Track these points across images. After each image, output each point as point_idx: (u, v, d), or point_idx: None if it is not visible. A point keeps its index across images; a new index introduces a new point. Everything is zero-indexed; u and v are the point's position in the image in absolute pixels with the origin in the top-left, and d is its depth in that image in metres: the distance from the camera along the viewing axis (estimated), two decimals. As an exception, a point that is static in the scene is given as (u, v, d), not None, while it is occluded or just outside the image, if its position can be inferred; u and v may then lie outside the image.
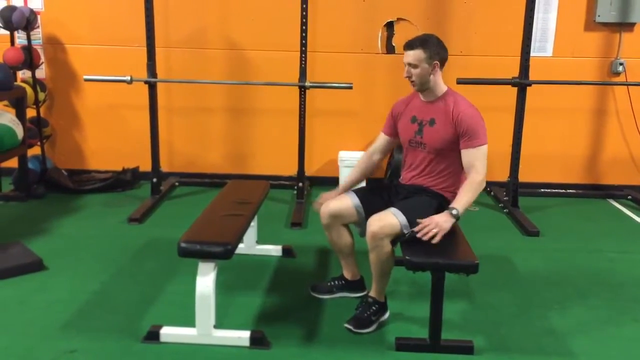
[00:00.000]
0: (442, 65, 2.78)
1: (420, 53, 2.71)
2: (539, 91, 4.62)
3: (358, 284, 3.11)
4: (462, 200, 2.65)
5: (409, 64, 2.74)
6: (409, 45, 2.75)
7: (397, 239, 2.69)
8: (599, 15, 4.80)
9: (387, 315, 2.88)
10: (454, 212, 2.63)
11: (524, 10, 4.35)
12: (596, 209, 4.80)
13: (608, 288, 3.31)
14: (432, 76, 2.75)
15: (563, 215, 4.61)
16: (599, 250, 3.89)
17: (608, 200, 5.00)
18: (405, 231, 2.63)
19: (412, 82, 2.78)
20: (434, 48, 2.73)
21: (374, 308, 2.81)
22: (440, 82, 2.81)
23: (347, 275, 3.10)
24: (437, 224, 2.60)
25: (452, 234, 2.69)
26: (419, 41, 2.74)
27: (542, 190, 5.12)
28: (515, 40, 4.48)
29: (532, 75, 4.41)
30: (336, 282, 3.12)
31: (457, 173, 2.82)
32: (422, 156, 2.84)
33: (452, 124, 2.73)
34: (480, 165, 2.69)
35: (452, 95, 2.80)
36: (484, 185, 2.70)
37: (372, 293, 2.85)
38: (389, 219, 2.65)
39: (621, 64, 4.88)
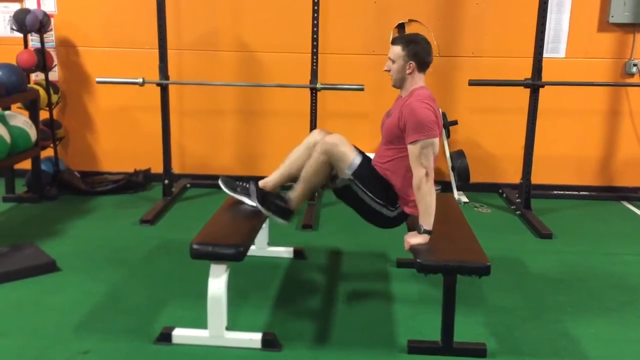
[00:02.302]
0: (420, 67, 2.79)
1: (399, 50, 2.77)
2: (552, 92, 4.59)
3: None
4: (420, 212, 2.65)
5: (389, 58, 2.82)
6: (393, 41, 2.84)
7: (337, 172, 2.79)
8: (612, 16, 4.76)
9: (280, 220, 2.93)
10: (419, 229, 2.65)
11: (537, 11, 4.33)
12: (610, 211, 4.76)
13: (623, 291, 3.28)
14: (408, 75, 2.79)
15: (576, 218, 4.58)
16: (613, 252, 3.85)
17: (622, 202, 4.96)
18: (348, 171, 2.73)
19: (390, 76, 2.84)
20: (414, 48, 2.76)
21: (277, 201, 2.90)
22: (417, 83, 2.81)
23: (269, 183, 3.06)
24: (406, 242, 2.68)
25: (463, 237, 2.68)
26: (403, 39, 2.82)
27: (555, 192, 5.08)
28: (527, 41, 4.46)
29: (545, 77, 4.38)
30: (246, 185, 3.10)
31: (400, 169, 2.79)
32: (380, 147, 2.91)
33: (398, 116, 2.74)
34: (415, 164, 2.63)
35: (418, 90, 2.79)
36: (425, 182, 2.61)
37: (291, 198, 2.92)
38: (349, 148, 2.78)
39: (635, 64, 4.84)
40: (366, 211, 2.86)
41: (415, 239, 2.65)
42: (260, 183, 3.07)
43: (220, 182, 3.10)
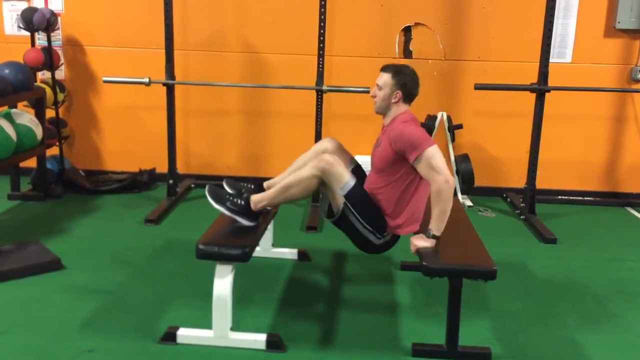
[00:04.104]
0: (405, 97, 2.82)
1: (388, 78, 2.81)
2: (558, 97, 4.58)
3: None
4: (433, 216, 2.63)
5: (377, 84, 2.85)
6: (383, 68, 2.87)
7: (326, 188, 2.78)
8: (619, 22, 4.75)
9: (246, 222, 2.81)
10: (427, 233, 2.64)
11: (544, 16, 4.33)
12: (614, 217, 4.76)
13: (627, 297, 3.28)
14: (393, 104, 2.82)
15: (581, 223, 4.57)
16: (617, 258, 3.85)
17: (626, 208, 4.95)
18: (341, 192, 2.73)
19: (374, 102, 2.86)
20: (402, 79, 2.80)
21: (240, 200, 2.80)
22: (400, 112, 2.83)
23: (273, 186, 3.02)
24: (412, 244, 2.67)
25: (469, 241, 2.68)
26: (393, 67, 2.85)
27: (560, 197, 5.07)
28: (534, 46, 4.46)
29: (551, 82, 4.38)
30: (250, 186, 3.07)
31: (392, 196, 2.79)
32: (371, 175, 2.90)
33: (389, 144, 2.75)
34: (432, 173, 2.62)
35: (400, 115, 2.82)
36: (446, 186, 2.57)
37: (255, 195, 2.83)
38: (344, 170, 2.76)
39: (641, 71, 4.85)
40: (354, 235, 2.85)
41: (422, 242, 2.65)
42: (265, 184, 3.08)
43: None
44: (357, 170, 3.00)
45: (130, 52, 4.99)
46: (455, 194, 4.85)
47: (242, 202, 2.81)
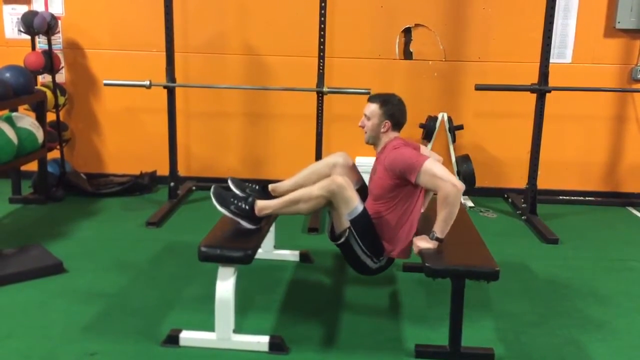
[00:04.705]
0: (394, 126, 2.89)
1: (376, 108, 2.87)
2: (558, 98, 4.59)
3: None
4: (439, 219, 2.64)
5: (365, 115, 2.90)
6: (370, 98, 2.92)
7: (332, 208, 2.78)
8: (618, 22, 4.76)
9: (248, 225, 2.80)
10: (431, 235, 2.65)
11: (544, 17, 4.33)
12: (616, 216, 4.75)
13: (629, 297, 3.27)
14: (382, 133, 2.88)
15: (582, 223, 4.57)
16: (619, 258, 3.84)
17: (627, 208, 4.95)
18: (347, 216, 2.73)
19: (364, 132, 2.92)
20: (390, 109, 2.86)
21: (245, 205, 2.79)
22: (390, 139, 2.88)
23: (281, 189, 3.07)
24: (415, 245, 2.69)
25: (471, 241, 2.68)
26: (380, 98, 2.90)
27: (561, 197, 5.07)
28: (534, 47, 4.46)
29: (551, 82, 4.38)
30: (255, 187, 3.09)
31: (390, 222, 2.83)
32: (368, 202, 2.90)
33: (385, 170, 2.79)
34: (436, 181, 2.64)
35: (390, 142, 2.87)
36: (454, 190, 2.58)
37: (261, 201, 2.81)
38: (354, 194, 2.74)
39: (641, 70, 4.85)
40: (352, 258, 2.86)
41: (425, 243, 2.65)
42: (270, 187, 3.07)
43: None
44: (361, 190, 3.00)
45: (130, 55, 4.99)
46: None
47: (247, 207, 2.80)
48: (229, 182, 3.12)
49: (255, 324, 2.82)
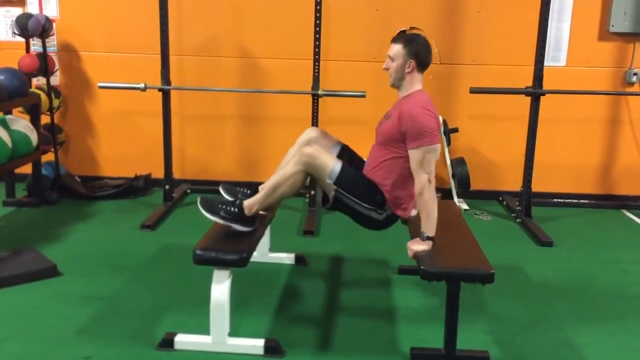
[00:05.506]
0: (419, 66, 2.78)
1: (400, 48, 2.77)
2: (553, 101, 4.60)
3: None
4: (422, 218, 2.64)
5: (389, 57, 2.81)
6: (394, 39, 2.82)
7: (315, 180, 2.77)
8: (612, 25, 4.78)
9: (241, 228, 2.77)
10: (421, 236, 2.64)
11: (538, 20, 4.34)
12: (610, 219, 4.77)
13: (624, 300, 3.29)
14: (407, 74, 2.78)
15: (576, 226, 4.58)
16: (613, 261, 3.86)
17: (622, 210, 4.97)
18: (329, 180, 2.70)
19: (389, 75, 2.83)
20: (415, 47, 2.76)
21: (233, 208, 2.76)
22: (416, 83, 2.80)
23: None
24: (409, 249, 2.66)
25: (466, 244, 2.68)
26: (404, 37, 2.80)
27: (555, 200, 5.09)
28: (528, 50, 4.48)
29: (546, 85, 4.39)
30: (247, 191, 3.06)
31: (394, 169, 2.78)
32: (374, 148, 2.87)
33: (398, 120, 2.73)
34: (417, 170, 2.64)
35: (418, 95, 2.79)
36: (428, 186, 2.61)
37: (246, 200, 2.79)
38: (327, 158, 2.72)
39: (635, 74, 4.86)
40: (355, 215, 2.84)
41: (418, 245, 2.65)
42: (260, 188, 3.07)
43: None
44: (345, 151, 2.98)
45: (125, 58, 4.98)
46: (450, 197, 4.90)
47: (236, 210, 2.78)
48: (221, 188, 3.12)
49: (251, 327, 2.82)
